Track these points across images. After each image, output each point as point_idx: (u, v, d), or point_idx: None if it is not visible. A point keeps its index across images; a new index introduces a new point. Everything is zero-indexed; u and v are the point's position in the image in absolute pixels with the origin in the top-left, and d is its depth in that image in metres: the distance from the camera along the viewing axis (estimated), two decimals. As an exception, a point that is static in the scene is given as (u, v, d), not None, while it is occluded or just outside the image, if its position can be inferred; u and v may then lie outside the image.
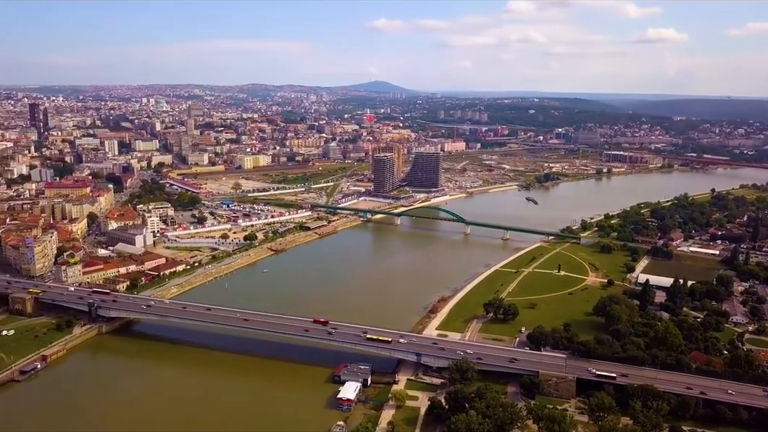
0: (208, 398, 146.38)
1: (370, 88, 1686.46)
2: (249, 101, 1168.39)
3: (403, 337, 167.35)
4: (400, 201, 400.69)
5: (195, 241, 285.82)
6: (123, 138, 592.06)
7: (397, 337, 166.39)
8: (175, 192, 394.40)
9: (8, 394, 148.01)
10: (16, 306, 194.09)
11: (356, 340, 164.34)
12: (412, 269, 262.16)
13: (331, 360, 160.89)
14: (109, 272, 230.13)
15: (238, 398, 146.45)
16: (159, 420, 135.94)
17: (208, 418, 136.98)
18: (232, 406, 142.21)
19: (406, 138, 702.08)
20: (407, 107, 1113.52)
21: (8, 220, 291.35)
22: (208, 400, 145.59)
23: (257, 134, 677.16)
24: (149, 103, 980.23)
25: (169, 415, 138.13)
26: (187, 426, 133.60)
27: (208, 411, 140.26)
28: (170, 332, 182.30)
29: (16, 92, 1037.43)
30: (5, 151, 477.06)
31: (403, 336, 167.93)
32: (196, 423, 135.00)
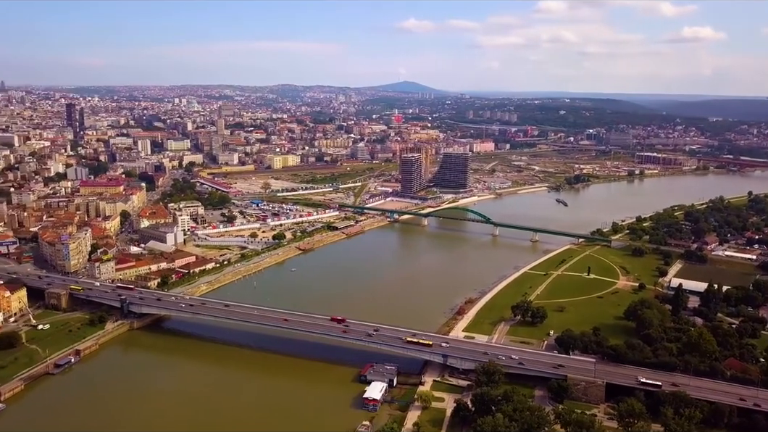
0: (235, 395, 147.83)
1: (398, 89, 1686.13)
2: (279, 102, 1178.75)
3: (445, 341, 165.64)
4: (427, 201, 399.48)
5: (224, 240, 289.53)
6: (155, 137, 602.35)
7: (439, 341, 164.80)
8: (205, 191, 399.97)
9: (43, 387, 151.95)
10: (52, 301, 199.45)
11: (396, 343, 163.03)
12: (439, 270, 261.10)
13: (357, 359, 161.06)
14: (140, 269, 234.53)
15: (264, 396, 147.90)
16: (187, 415, 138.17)
17: (235, 415, 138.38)
18: (258, 404, 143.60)
19: (435, 138, 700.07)
20: (436, 107, 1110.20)
21: (45, 217, 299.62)
22: (235, 396, 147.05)
23: (286, 134, 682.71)
24: (181, 104, 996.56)
25: (196, 411, 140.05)
26: (215, 422, 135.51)
27: (235, 408, 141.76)
28: (199, 329, 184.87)
29: (53, 93, 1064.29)
30: (43, 149, 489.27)
31: (445, 340, 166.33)
32: (223, 419, 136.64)
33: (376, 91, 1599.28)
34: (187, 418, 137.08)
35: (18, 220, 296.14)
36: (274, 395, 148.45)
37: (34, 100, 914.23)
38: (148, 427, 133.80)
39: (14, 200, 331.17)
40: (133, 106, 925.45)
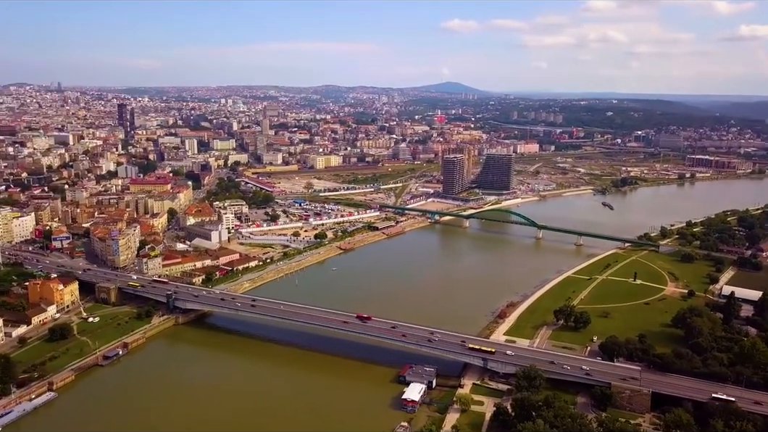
0: (275, 391, 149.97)
1: (441, 89, 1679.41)
2: (322, 102, 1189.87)
3: (509, 348, 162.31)
4: (469, 203, 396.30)
5: (267, 238, 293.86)
6: (202, 137, 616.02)
7: (502, 348, 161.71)
8: (249, 190, 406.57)
9: (93, 377, 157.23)
10: (102, 295, 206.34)
11: (457, 348, 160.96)
12: (481, 272, 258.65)
13: (396, 360, 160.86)
14: (186, 266, 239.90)
15: (303, 393, 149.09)
16: (227, 409, 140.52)
17: (274, 411, 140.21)
18: (297, 401, 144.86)
19: (477, 139, 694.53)
20: (479, 108, 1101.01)
21: (96, 213, 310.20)
22: (274, 393, 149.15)
23: (329, 135, 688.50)
24: (227, 104, 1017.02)
25: (236, 406, 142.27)
26: (254, 417, 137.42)
27: (274, 404, 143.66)
28: (241, 325, 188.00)
29: (106, 93, 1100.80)
30: (96, 148, 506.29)
31: (509, 348, 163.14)
32: (262, 415, 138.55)
33: (419, 91, 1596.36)
34: (227, 412, 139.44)
35: (71, 216, 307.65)
36: (313, 393, 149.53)
37: (88, 101, 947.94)
38: (191, 419, 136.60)
39: (68, 197, 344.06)
40: (181, 107, 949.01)
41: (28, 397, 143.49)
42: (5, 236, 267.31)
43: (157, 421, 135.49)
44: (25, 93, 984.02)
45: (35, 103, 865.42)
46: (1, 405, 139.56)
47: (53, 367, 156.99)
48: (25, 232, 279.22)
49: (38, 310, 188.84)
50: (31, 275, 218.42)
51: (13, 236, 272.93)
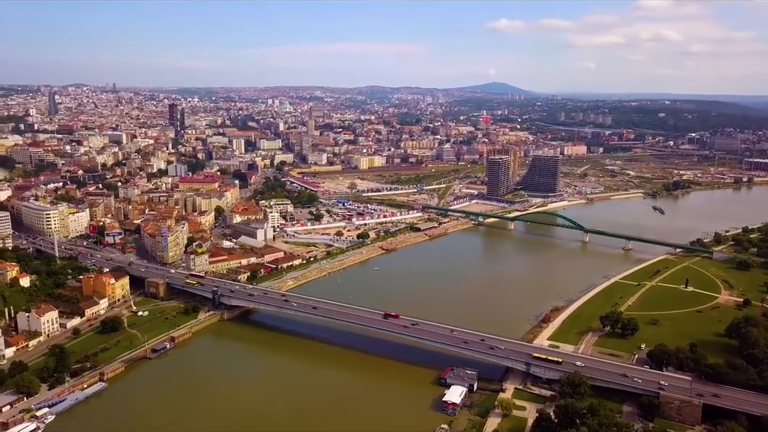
0: (315, 389, 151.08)
1: (487, 90, 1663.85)
2: (367, 103, 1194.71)
3: (579, 359, 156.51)
4: (514, 205, 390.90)
5: (311, 237, 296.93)
6: (249, 137, 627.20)
7: (571, 359, 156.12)
8: (294, 189, 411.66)
9: (141, 370, 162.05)
10: (151, 290, 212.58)
11: (521, 357, 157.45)
12: (525, 276, 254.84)
13: (437, 362, 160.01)
14: (232, 263, 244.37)
15: (344, 391, 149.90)
16: (269, 405, 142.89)
17: (315, 409, 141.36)
18: (338, 399, 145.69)
19: (523, 140, 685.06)
20: (525, 109, 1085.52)
21: (147, 210, 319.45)
22: (315, 391, 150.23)
23: (373, 135, 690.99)
24: (274, 104, 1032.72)
25: (277, 402, 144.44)
26: (295, 414, 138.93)
27: (316, 401, 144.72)
28: (284, 323, 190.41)
29: (158, 94, 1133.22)
30: (147, 147, 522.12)
31: (579, 358, 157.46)
32: (302, 412, 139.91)
33: (464, 92, 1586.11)
34: (268, 408, 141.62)
35: (123, 212, 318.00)
36: (353, 392, 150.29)
37: (141, 101, 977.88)
38: (233, 414, 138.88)
39: (121, 194, 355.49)
40: (229, 107, 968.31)
41: (81, 386, 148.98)
42: (62, 231, 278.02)
43: (201, 415, 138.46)
44: (82, 93, 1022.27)
45: (91, 104, 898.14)
46: (56, 393, 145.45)
47: (104, 358, 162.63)
48: (80, 227, 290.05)
49: (91, 303, 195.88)
50: (85, 269, 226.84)
51: (69, 231, 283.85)
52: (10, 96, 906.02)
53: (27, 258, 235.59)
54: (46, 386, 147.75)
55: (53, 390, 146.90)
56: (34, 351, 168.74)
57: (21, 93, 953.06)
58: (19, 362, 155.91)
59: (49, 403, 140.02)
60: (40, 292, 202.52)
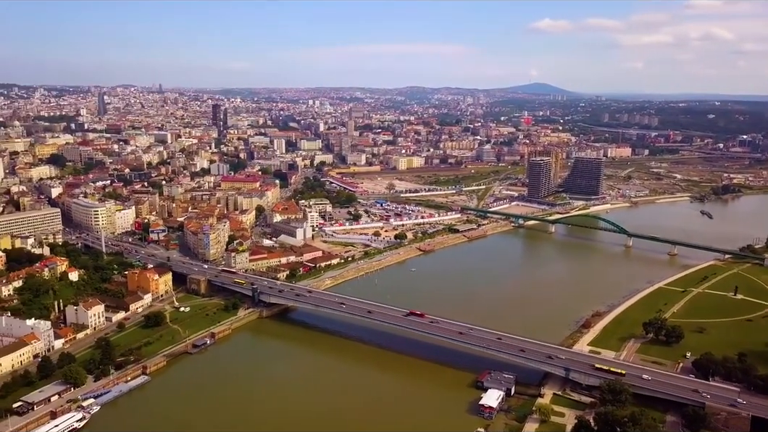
0: (351, 389, 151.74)
1: (529, 90, 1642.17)
2: (406, 104, 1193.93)
3: (646, 373, 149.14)
4: (555, 208, 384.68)
5: (349, 237, 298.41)
6: (290, 137, 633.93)
7: (637, 372, 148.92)
8: (333, 190, 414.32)
9: (182, 364, 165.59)
10: (193, 286, 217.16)
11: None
12: (565, 280, 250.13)
13: (474, 365, 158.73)
14: (271, 261, 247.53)
15: (380, 391, 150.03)
16: (305, 404, 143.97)
17: (351, 408, 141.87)
18: (374, 399, 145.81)
19: (566, 142, 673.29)
20: (568, 110, 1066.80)
21: (190, 208, 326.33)
22: (351, 390, 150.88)
23: (413, 136, 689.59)
24: (314, 105, 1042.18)
25: (313, 400, 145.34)
26: (331, 412, 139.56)
27: (351, 401, 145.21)
28: (322, 322, 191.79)
29: (202, 94, 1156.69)
30: (191, 146, 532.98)
31: (645, 372, 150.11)
32: (338, 412, 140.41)
33: (506, 92, 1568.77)
34: (304, 406, 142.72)
35: (167, 210, 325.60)
36: (389, 392, 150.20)
37: (186, 101, 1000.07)
38: (270, 410, 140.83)
39: (165, 192, 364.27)
40: (271, 107, 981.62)
41: (125, 378, 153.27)
42: (109, 227, 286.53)
43: (238, 411, 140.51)
44: (129, 94, 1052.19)
45: (138, 104, 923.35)
46: (101, 384, 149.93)
47: (147, 352, 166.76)
48: (126, 224, 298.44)
49: (135, 298, 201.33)
50: (130, 265, 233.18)
51: (116, 228, 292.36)
52: (63, 96, 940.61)
53: (76, 253, 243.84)
54: (92, 378, 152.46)
55: (98, 381, 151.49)
56: (81, 343, 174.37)
57: (72, 93, 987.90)
58: (67, 354, 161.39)
59: (94, 394, 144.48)
60: (88, 286, 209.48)
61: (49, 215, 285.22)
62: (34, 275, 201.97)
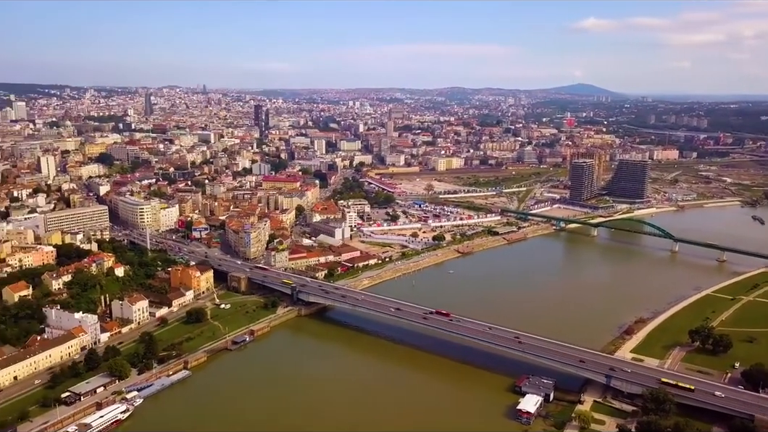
0: (388, 389, 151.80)
1: (572, 91, 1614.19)
2: (447, 104, 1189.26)
3: (719, 390, 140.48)
4: (598, 211, 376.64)
5: (387, 238, 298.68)
6: (330, 138, 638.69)
7: (708, 388, 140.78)
8: (372, 190, 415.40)
9: (222, 360, 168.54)
10: (233, 284, 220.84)
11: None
12: (607, 285, 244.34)
13: (512, 369, 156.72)
14: (310, 260, 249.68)
15: (416, 393, 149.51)
16: (341, 402, 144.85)
17: (387, 408, 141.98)
18: (410, 400, 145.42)
19: (609, 144, 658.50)
20: (612, 111, 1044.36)
21: (232, 207, 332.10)
22: (388, 390, 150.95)
23: (452, 137, 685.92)
24: (355, 106, 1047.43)
25: (350, 400, 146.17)
26: (366, 412, 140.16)
27: (387, 402, 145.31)
28: (359, 321, 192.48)
29: (244, 95, 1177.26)
30: (233, 146, 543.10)
31: (718, 388, 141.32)
32: (375, 411, 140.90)
33: (548, 93, 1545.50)
34: (341, 404, 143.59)
35: (210, 208, 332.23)
36: (426, 394, 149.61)
37: (229, 102, 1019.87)
38: (307, 408, 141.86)
39: (208, 191, 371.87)
40: (311, 108, 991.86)
41: (167, 373, 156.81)
42: (153, 225, 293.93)
43: (277, 407, 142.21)
44: (175, 95, 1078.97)
45: (183, 104, 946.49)
46: (144, 378, 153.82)
47: (189, 347, 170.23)
48: (170, 221, 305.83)
49: (178, 294, 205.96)
50: (173, 262, 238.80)
51: (160, 225, 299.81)
52: (111, 97, 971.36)
53: (122, 249, 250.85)
54: (135, 371, 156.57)
55: (142, 375, 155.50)
56: (126, 337, 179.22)
57: (121, 94, 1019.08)
58: (112, 347, 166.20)
59: (138, 387, 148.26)
60: (133, 281, 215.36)
61: (97, 212, 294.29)
62: (82, 270, 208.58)
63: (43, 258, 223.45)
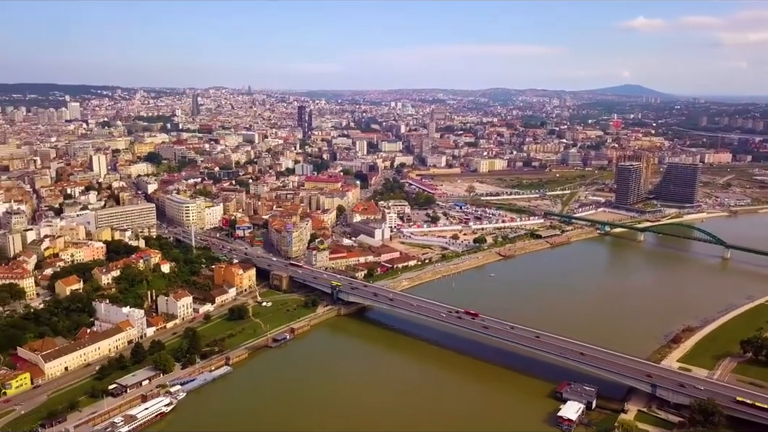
0: (426, 391, 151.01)
1: (619, 92, 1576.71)
2: (490, 105, 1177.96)
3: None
4: (645, 215, 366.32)
5: (427, 239, 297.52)
6: (371, 139, 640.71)
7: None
8: (413, 191, 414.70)
9: (263, 357, 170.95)
10: (275, 282, 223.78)
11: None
12: (653, 292, 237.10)
13: (552, 375, 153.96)
14: (350, 260, 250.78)
15: (454, 396, 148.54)
16: (379, 402, 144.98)
17: (425, 410, 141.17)
18: (447, 403, 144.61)
19: (658, 146, 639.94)
20: (661, 113, 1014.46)
21: (274, 206, 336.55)
22: (426, 393, 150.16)
23: (495, 138, 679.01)
24: (396, 107, 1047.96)
25: (388, 400, 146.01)
26: (403, 414, 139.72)
27: (425, 405, 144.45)
28: (398, 322, 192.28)
29: (288, 96, 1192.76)
30: (277, 147, 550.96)
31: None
32: (412, 412, 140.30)
33: (594, 94, 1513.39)
34: (378, 405, 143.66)
35: (253, 208, 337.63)
36: (464, 397, 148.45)
37: (273, 103, 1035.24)
38: (345, 406, 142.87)
39: (251, 190, 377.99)
40: (354, 109, 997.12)
41: (209, 368, 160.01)
42: (198, 223, 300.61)
43: (315, 406, 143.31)
44: (221, 95, 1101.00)
45: (228, 105, 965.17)
46: (187, 372, 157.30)
47: (230, 343, 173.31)
48: (214, 220, 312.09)
49: (221, 291, 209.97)
50: (217, 259, 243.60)
51: (205, 223, 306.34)
52: (160, 98, 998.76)
53: (168, 246, 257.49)
54: (179, 365, 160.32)
55: (185, 369, 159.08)
56: (170, 332, 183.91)
57: (169, 95, 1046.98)
58: (157, 341, 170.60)
59: (181, 381, 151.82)
60: (178, 278, 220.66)
61: (145, 210, 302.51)
62: (130, 266, 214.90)
63: (93, 253, 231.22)
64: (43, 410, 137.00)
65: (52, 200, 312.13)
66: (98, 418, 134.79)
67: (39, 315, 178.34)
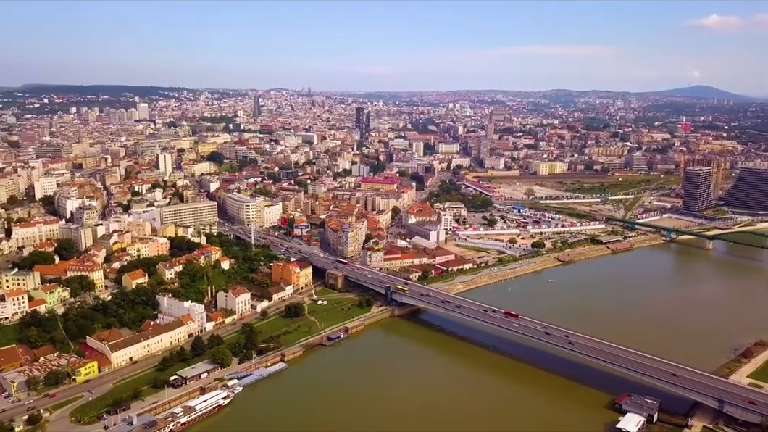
0: (478, 397, 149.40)
1: (688, 94, 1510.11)
2: (551, 107, 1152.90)
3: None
4: (714, 222, 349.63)
5: (483, 243, 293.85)
6: (428, 140, 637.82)
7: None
8: (469, 193, 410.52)
9: (317, 355, 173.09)
10: (330, 281, 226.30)
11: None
12: (722, 303, 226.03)
13: (612, 386, 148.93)
14: (405, 262, 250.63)
15: (509, 403, 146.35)
16: (431, 405, 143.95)
17: (477, 416, 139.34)
18: (501, 409, 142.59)
19: (730, 150, 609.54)
20: (735, 115, 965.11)
21: (331, 207, 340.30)
22: (477, 398, 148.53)
23: (555, 141, 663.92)
24: (454, 108, 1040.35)
25: (440, 403, 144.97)
26: (455, 419, 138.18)
27: (478, 409, 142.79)
28: (451, 325, 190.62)
29: (347, 97, 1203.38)
30: (335, 148, 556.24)
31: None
32: (463, 418, 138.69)
33: (661, 96, 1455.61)
34: (428, 408, 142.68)
35: (311, 207, 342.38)
36: (519, 404, 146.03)
37: (332, 104, 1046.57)
38: (396, 407, 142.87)
39: (309, 190, 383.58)
40: (411, 111, 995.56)
41: (265, 363, 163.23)
42: (258, 221, 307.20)
43: (367, 405, 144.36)
44: (281, 97, 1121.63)
45: (288, 106, 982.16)
46: (244, 367, 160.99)
47: (286, 340, 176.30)
48: (273, 219, 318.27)
49: (278, 289, 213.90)
50: (275, 257, 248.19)
51: (264, 222, 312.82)
52: (223, 99, 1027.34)
53: (228, 243, 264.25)
54: (236, 360, 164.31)
55: (242, 364, 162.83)
56: (229, 327, 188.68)
57: (231, 96, 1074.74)
58: (216, 336, 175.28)
59: (238, 375, 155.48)
60: (237, 274, 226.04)
61: (207, 208, 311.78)
62: (192, 262, 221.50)
63: (158, 249, 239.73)
64: (108, 398, 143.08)
65: (121, 197, 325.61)
66: (159, 408, 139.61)
67: (107, 306, 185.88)
